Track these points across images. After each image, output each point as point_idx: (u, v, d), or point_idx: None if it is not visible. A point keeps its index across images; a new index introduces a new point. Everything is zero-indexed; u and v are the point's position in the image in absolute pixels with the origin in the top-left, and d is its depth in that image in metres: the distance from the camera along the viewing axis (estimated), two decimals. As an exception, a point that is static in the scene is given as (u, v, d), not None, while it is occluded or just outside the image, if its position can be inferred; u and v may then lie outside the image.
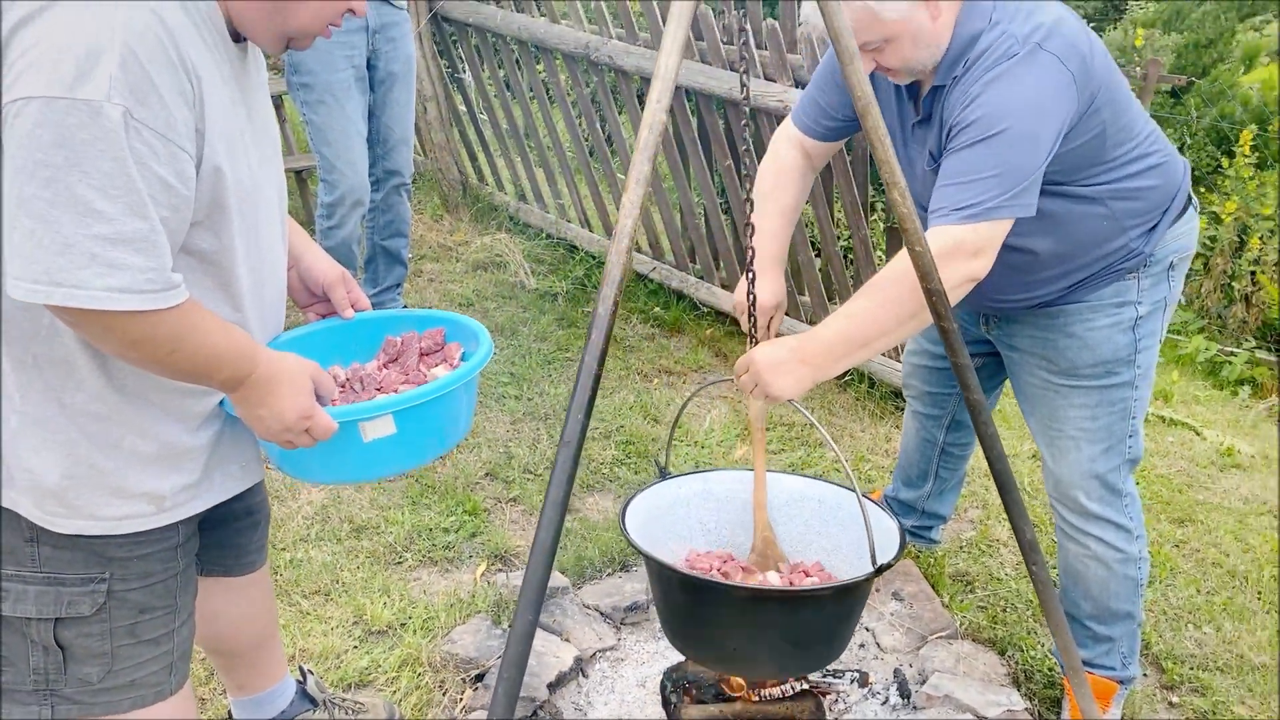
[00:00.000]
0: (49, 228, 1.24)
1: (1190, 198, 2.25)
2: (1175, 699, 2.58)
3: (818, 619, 1.93)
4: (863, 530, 1.86)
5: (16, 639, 1.57)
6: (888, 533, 1.98)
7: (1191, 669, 2.66)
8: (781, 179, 2.31)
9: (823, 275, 3.98)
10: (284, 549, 2.85)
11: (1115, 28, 5.97)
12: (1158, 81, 5.00)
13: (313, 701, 2.25)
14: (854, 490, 1.96)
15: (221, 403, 1.59)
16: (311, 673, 2.28)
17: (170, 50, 1.31)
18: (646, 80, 4.11)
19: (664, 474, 2.16)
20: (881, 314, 1.89)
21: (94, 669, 1.61)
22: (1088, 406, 2.23)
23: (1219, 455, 3.76)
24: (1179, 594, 2.95)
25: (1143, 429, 2.31)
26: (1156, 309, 2.20)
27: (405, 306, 4.12)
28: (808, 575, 2.11)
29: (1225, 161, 5.17)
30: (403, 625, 2.60)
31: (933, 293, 1.80)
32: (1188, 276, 5.29)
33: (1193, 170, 5.59)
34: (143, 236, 1.28)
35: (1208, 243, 5.01)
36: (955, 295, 1.88)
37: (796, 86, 3.55)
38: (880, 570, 1.84)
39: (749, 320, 2.09)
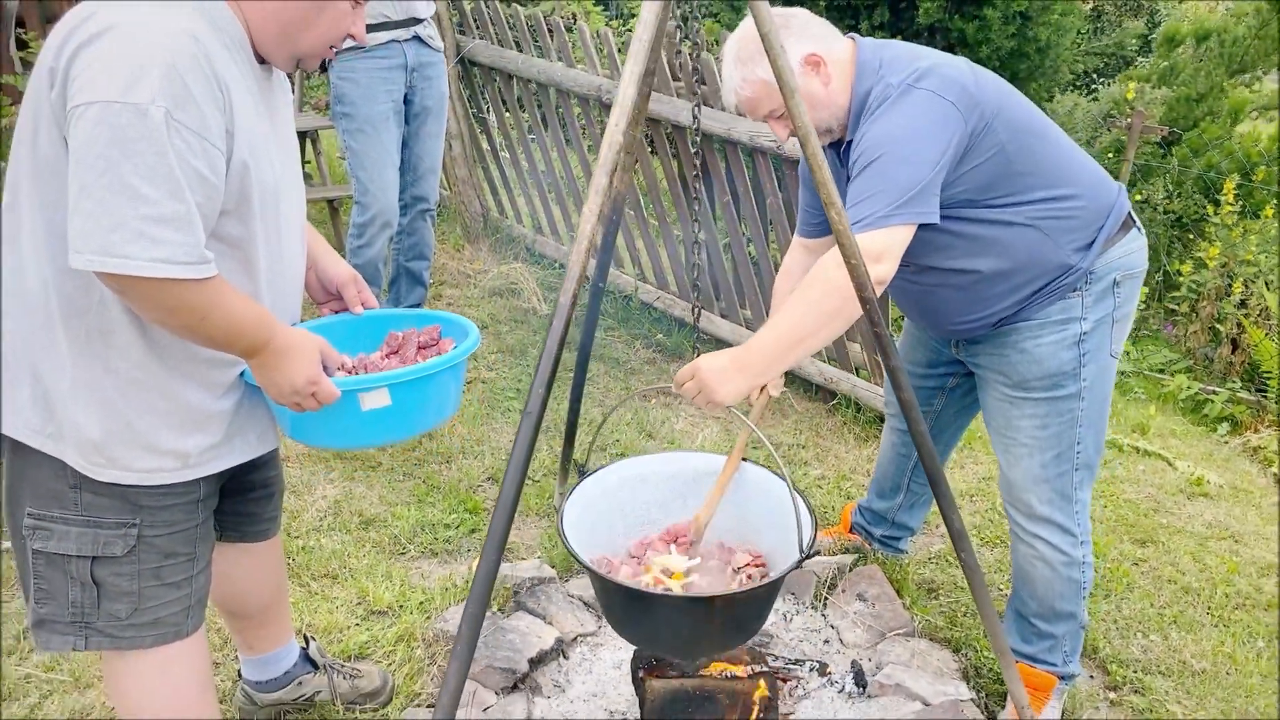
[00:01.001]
0: (104, 209, 1.50)
1: (1132, 218, 2.42)
2: (1115, 697, 2.76)
3: (748, 608, 2.14)
4: (779, 507, 2.09)
5: (58, 575, 1.81)
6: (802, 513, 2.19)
7: (1135, 672, 2.83)
8: (786, 277, 2.66)
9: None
10: (297, 537, 3.10)
11: (1113, 83, 6.24)
12: (1142, 132, 5.23)
13: (314, 665, 2.48)
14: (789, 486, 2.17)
15: (242, 374, 1.85)
16: (314, 639, 2.53)
17: (204, 65, 1.58)
18: (654, 120, 4.40)
19: (582, 473, 2.36)
20: (806, 317, 2.12)
21: (123, 606, 1.85)
22: (1038, 416, 2.44)
23: (1188, 484, 3.93)
24: (1132, 606, 3.12)
25: (1099, 439, 2.49)
26: (1102, 324, 2.38)
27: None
28: (733, 553, 2.35)
29: (1211, 209, 5.39)
30: (401, 607, 2.84)
31: (866, 301, 2.04)
32: (1175, 318, 5.49)
33: (1181, 219, 5.83)
34: (180, 217, 1.54)
35: (1194, 286, 5.20)
36: None
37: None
38: (804, 559, 2.05)
39: None
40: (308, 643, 2.51)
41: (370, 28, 3.89)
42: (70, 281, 1.67)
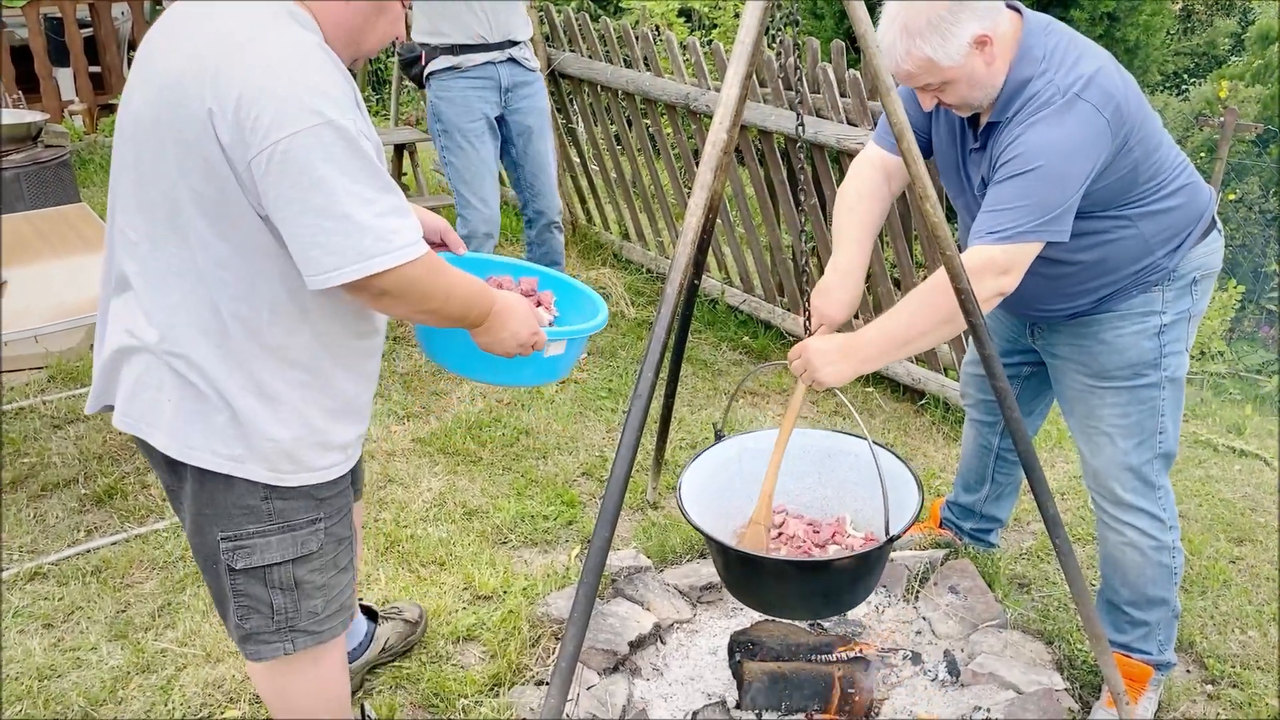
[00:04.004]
0: (345, 221, 1.59)
1: (1214, 221, 2.48)
2: (1213, 691, 2.75)
3: (840, 578, 2.23)
4: (893, 485, 2.16)
5: (258, 588, 1.90)
6: (904, 484, 2.26)
7: (1233, 667, 2.82)
8: (863, 198, 2.55)
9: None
10: (406, 526, 3.26)
11: (1204, 83, 6.16)
12: (1236, 130, 5.16)
13: (372, 617, 2.67)
14: (883, 450, 2.25)
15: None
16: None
17: (345, 76, 1.69)
18: (742, 127, 4.49)
19: (719, 436, 2.49)
20: (919, 319, 2.19)
21: (319, 600, 1.96)
22: (1120, 405, 2.47)
23: (1288, 484, 3.88)
24: (1230, 602, 3.11)
25: (1177, 428, 2.52)
26: (1180, 319, 2.44)
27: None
28: (816, 532, 2.43)
29: (1309, 207, 5.29)
30: (505, 592, 2.97)
31: (961, 291, 2.11)
32: (1273, 318, 5.40)
33: (1278, 217, 5.73)
34: (400, 204, 1.66)
35: (1291, 286, 5.12)
36: (986, 307, 2.15)
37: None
38: (892, 540, 2.12)
39: (805, 318, 2.41)
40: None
41: (466, 49, 4.04)
42: (242, 305, 1.73)
